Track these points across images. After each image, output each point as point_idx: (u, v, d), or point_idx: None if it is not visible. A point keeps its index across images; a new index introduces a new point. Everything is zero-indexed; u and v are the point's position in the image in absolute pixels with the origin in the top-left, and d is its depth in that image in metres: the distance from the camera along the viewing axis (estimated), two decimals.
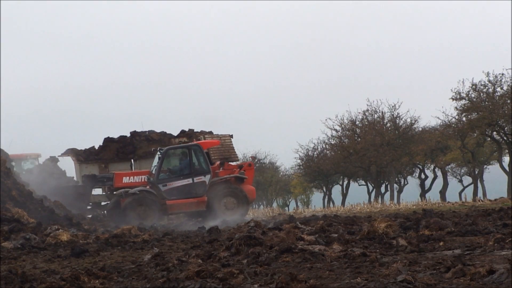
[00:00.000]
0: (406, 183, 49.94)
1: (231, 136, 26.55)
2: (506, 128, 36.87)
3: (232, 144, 25.77)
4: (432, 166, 48.03)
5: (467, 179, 49.22)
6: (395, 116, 42.73)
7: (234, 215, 21.87)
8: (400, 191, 48.66)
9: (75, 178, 26.62)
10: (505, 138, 37.64)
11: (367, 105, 43.09)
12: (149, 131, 26.14)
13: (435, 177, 48.18)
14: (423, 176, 48.03)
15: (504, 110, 35.96)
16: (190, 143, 23.47)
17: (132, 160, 24.56)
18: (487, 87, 36.79)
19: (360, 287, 6.64)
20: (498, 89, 36.71)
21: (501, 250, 8.80)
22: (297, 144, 50.21)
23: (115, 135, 27.85)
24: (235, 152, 25.35)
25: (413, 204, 29.94)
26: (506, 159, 40.03)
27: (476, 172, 43.37)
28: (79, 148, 27.59)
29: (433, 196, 41.58)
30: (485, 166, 45.77)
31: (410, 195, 46.23)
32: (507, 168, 37.83)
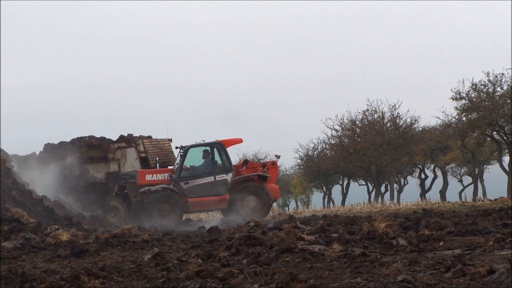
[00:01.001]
0: (406, 183, 49.96)
1: (170, 140, 26.51)
2: (506, 128, 36.87)
3: (171, 148, 25.76)
4: (432, 166, 48.03)
5: (467, 179, 49.22)
6: (395, 116, 42.76)
7: (256, 213, 21.92)
8: (400, 191, 48.68)
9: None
10: (505, 138, 37.63)
11: (367, 105, 43.14)
12: (89, 136, 25.84)
13: (435, 177, 48.19)
14: (423, 176, 48.04)
15: (504, 110, 35.97)
16: (212, 141, 23.29)
17: (157, 158, 24.50)
18: (487, 87, 36.79)
19: (360, 287, 6.64)
20: (498, 89, 36.72)
21: (501, 250, 8.81)
22: (297, 144, 50.25)
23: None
24: (174, 156, 25.37)
25: (413, 204, 29.95)
26: (506, 159, 40.02)
27: (476, 172, 43.37)
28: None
29: (433, 196, 41.58)
30: (485, 166, 45.77)
31: (410, 195, 46.23)
32: (507, 168, 37.82)
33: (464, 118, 38.28)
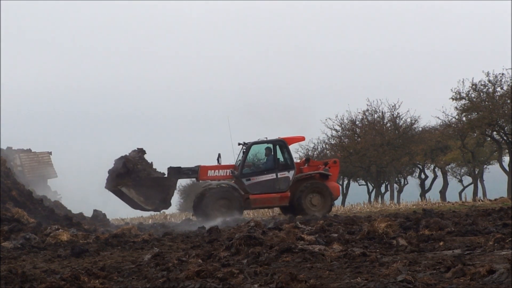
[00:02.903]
0: (406, 183, 49.96)
1: (50, 153, 26.28)
2: (506, 128, 36.87)
3: (50, 161, 25.49)
4: (432, 166, 48.04)
5: (467, 179, 49.23)
6: (395, 116, 42.77)
7: (319, 211, 22.10)
8: (400, 191, 48.67)
9: None
10: (505, 138, 37.64)
11: (367, 105, 43.16)
12: None
13: (435, 177, 48.19)
14: (423, 176, 48.04)
15: (504, 110, 35.97)
16: (275, 138, 23.36)
17: (219, 153, 24.54)
18: (487, 87, 36.80)
19: (360, 287, 6.64)
20: (498, 89, 36.72)
21: (501, 250, 8.80)
22: (297, 143, 50.18)
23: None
24: (53, 169, 25.05)
25: (413, 204, 29.95)
26: (506, 159, 40.03)
27: (476, 172, 43.38)
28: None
29: (433, 196, 41.60)
30: (485, 166, 45.76)
31: (410, 195, 46.23)
32: (507, 168, 37.83)
33: (464, 118, 38.30)
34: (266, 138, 22.91)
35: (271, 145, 22.65)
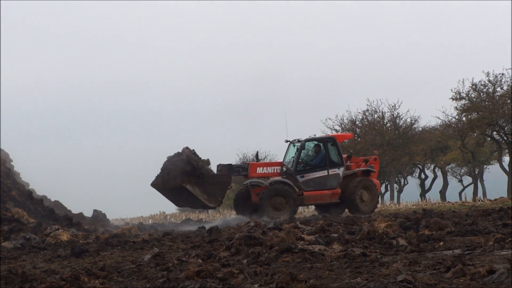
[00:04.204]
0: (406, 183, 49.99)
1: None
2: (506, 128, 36.89)
3: None
4: (432, 166, 48.06)
5: (467, 179, 49.28)
6: (395, 116, 42.79)
7: (368, 207, 22.52)
8: (400, 191, 48.69)
9: None
10: (505, 138, 37.66)
11: (367, 105, 43.17)
12: None
13: (435, 177, 48.21)
14: (423, 176, 48.05)
15: (504, 110, 35.99)
16: (325, 136, 23.71)
17: (257, 151, 24.46)
18: (487, 87, 36.82)
19: (360, 287, 6.64)
20: (498, 89, 36.74)
21: (501, 250, 8.80)
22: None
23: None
24: None
25: (413, 204, 29.99)
26: (506, 159, 40.06)
27: (476, 172, 43.39)
28: None
29: (433, 196, 41.65)
30: (485, 166, 45.80)
31: (410, 195, 46.28)
32: (507, 168, 37.85)
33: (464, 118, 38.32)
34: (315, 135, 23.16)
35: (321, 143, 22.85)
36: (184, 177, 21.06)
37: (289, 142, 23.22)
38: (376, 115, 43.07)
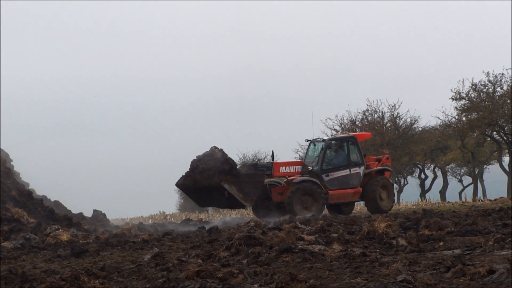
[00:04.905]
0: (406, 183, 50.00)
1: None
2: (506, 128, 36.91)
3: None
4: (432, 166, 48.05)
5: (467, 179, 49.28)
6: (395, 116, 42.81)
7: (386, 206, 22.86)
8: (400, 191, 48.69)
9: None
10: (505, 138, 37.67)
11: (367, 105, 43.22)
12: None
13: (435, 177, 48.21)
14: (423, 176, 48.05)
15: (504, 110, 36.02)
16: (346, 135, 24.06)
17: (273, 150, 24.50)
18: (487, 87, 36.85)
19: (360, 287, 6.64)
20: (498, 89, 36.77)
21: (501, 250, 8.80)
22: (297, 144, 50.21)
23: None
24: None
25: (413, 204, 30.01)
26: (506, 159, 40.09)
27: (476, 172, 43.39)
28: None
29: (433, 196, 41.67)
30: (485, 166, 45.80)
31: (410, 195, 46.30)
32: (507, 168, 37.85)
33: (464, 118, 38.34)
34: (335, 135, 23.29)
35: (344, 142, 23.13)
36: (222, 176, 21.06)
37: (309, 142, 23.58)
38: (376, 115, 43.12)
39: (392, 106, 42.76)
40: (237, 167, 22.15)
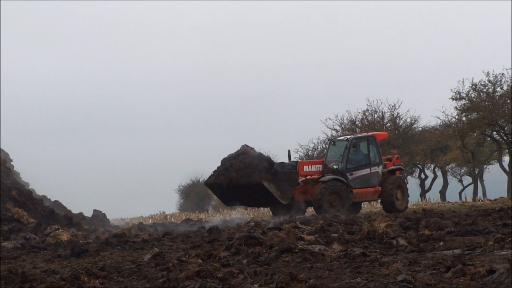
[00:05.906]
0: (406, 183, 49.94)
1: None
2: (506, 128, 36.91)
3: None
4: (432, 166, 48.04)
5: (467, 179, 49.27)
6: (395, 116, 42.80)
7: (401, 205, 23.12)
8: None
9: None
10: (505, 138, 37.67)
11: (367, 105, 43.19)
12: None
13: (435, 177, 48.19)
14: (423, 176, 48.03)
15: (504, 110, 36.01)
16: (366, 134, 24.30)
17: (289, 150, 24.57)
18: (487, 87, 36.85)
19: (360, 287, 6.64)
20: (498, 89, 36.76)
21: (501, 250, 8.81)
22: (297, 144, 50.22)
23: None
24: None
25: (413, 204, 29.98)
26: (506, 159, 40.09)
27: (476, 172, 43.40)
28: None
29: (433, 196, 41.64)
30: (485, 166, 45.80)
31: (410, 195, 46.16)
32: (507, 168, 37.86)
33: (464, 118, 38.34)
34: (355, 134, 23.41)
35: (366, 141, 23.31)
36: (262, 174, 21.07)
37: (330, 141, 24.06)
38: (376, 115, 43.10)
39: (392, 106, 42.77)
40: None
